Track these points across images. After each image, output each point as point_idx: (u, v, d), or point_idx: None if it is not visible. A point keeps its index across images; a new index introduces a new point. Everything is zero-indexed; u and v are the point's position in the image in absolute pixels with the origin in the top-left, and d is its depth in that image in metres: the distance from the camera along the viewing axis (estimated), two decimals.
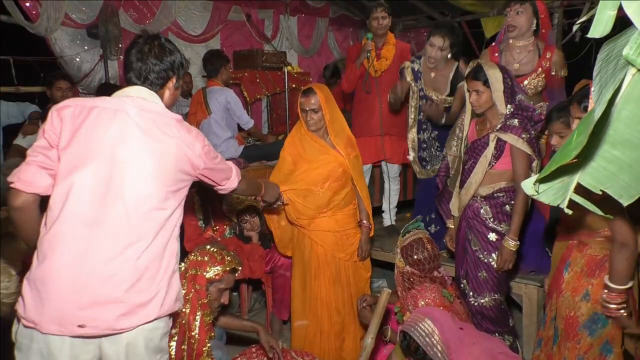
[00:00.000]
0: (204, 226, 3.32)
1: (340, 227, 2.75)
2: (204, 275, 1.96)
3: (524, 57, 2.87)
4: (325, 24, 7.20)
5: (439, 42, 3.10)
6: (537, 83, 2.87)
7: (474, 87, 2.39)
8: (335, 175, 2.69)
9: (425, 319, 1.97)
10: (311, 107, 2.64)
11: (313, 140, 2.71)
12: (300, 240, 2.80)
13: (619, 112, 0.77)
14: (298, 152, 2.74)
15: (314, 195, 2.67)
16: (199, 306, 1.95)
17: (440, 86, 3.25)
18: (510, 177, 2.42)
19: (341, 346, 2.82)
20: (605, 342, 2.05)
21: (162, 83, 1.68)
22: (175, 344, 1.86)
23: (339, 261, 2.78)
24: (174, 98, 1.74)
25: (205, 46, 5.88)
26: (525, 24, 2.81)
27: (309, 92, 2.67)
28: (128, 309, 1.48)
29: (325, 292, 2.76)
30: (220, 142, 4.09)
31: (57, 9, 4.72)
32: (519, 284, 2.88)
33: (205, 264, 1.99)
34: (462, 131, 2.62)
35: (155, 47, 1.66)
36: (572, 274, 2.09)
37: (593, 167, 0.82)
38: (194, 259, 2.01)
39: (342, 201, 2.74)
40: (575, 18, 5.40)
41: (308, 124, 2.68)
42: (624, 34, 0.79)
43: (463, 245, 2.57)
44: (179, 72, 1.73)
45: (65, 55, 4.95)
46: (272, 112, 6.15)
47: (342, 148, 2.72)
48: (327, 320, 2.78)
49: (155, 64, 1.65)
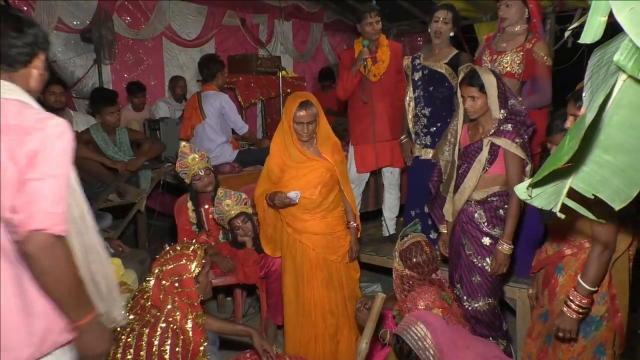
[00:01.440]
0: (197, 231, 3.31)
1: (330, 230, 2.76)
2: (191, 277, 1.92)
3: (512, 39, 3.02)
4: (320, 29, 7.23)
5: (443, 14, 3.18)
6: (515, 60, 2.95)
7: (470, 94, 2.39)
8: (323, 180, 2.71)
9: (418, 322, 1.97)
10: (309, 120, 2.61)
11: (300, 151, 2.69)
12: (291, 245, 2.80)
13: (610, 117, 0.78)
14: (284, 162, 2.73)
15: (304, 199, 2.67)
16: (189, 308, 1.92)
17: (441, 59, 3.28)
18: (504, 181, 2.43)
19: (336, 349, 2.82)
20: (599, 344, 2.06)
21: (27, 60, 1.40)
22: (169, 347, 1.85)
23: (331, 264, 2.78)
24: (42, 80, 1.47)
25: (199, 51, 5.88)
26: (515, 15, 2.97)
27: (308, 105, 2.61)
28: None
29: (319, 295, 2.76)
30: (215, 147, 4.08)
31: (51, 14, 4.72)
32: (512, 288, 2.89)
33: (184, 266, 1.93)
34: (454, 136, 2.63)
35: (11, 18, 1.38)
36: (566, 277, 2.10)
37: (585, 172, 0.82)
38: (167, 269, 1.93)
39: (331, 204, 2.75)
40: (567, 24, 5.44)
41: (301, 135, 2.65)
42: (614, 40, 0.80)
43: (457, 249, 2.58)
44: (45, 47, 1.45)
45: (58, 60, 4.94)
46: (266, 116, 6.16)
47: (329, 155, 2.73)
48: (321, 324, 2.78)
49: (16, 37, 1.37)
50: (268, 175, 2.80)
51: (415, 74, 3.34)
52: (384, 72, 3.49)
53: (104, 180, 4.01)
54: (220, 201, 3.15)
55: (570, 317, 1.95)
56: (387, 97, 3.51)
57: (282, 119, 2.74)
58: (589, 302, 1.93)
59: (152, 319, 1.90)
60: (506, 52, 2.98)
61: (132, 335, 1.86)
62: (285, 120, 2.68)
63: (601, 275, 1.91)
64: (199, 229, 3.31)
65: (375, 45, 3.49)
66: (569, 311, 1.94)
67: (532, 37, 2.98)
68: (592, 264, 1.89)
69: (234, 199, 3.16)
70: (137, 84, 5.18)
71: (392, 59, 3.51)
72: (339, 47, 7.60)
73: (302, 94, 2.80)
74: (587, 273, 1.90)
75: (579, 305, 1.92)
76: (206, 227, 3.32)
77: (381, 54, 3.50)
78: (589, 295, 1.92)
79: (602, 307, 2.03)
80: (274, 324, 3.19)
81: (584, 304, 1.92)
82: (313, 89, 6.86)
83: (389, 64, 3.50)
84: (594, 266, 1.89)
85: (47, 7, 4.67)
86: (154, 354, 1.81)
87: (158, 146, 4.28)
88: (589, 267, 1.90)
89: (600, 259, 1.88)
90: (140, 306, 1.98)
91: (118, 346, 1.85)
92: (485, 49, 3.12)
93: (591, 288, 1.90)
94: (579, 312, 1.93)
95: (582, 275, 1.92)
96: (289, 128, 2.66)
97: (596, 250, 1.88)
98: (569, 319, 1.95)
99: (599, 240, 1.87)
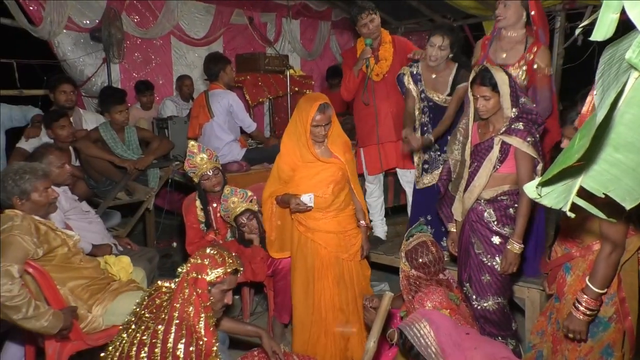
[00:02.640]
0: (205, 229, 3.33)
1: (342, 228, 2.76)
2: (205, 279, 1.95)
3: (511, 48, 2.91)
4: (328, 27, 7.22)
5: (439, 41, 3.08)
6: (519, 75, 2.87)
7: (482, 93, 2.36)
8: (335, 179, 2.71)
9: (423, 320, 1.96)
10: (327, 122, 2.62)
11: (312, 152, 2.68)
12: (302, 244, 2.79)
13: (621, 115, 0.77)
14: (295, 162, 2.72)
15: (316, 198, 2.67)
16: (202, 308, 1.94)
17: (441, 87, 3.22)
18: (514, 180, 2.41)
19: (346, 346, 2.83)
20: (607, 345, 2.05)
21: None
22: (183, 346, 1.85)
23: (342, 262, 2.79)
24: None
25: (207, 49, 5.90)
26: (512, 16, 2.84)
27: (326, 107, 2.60)
28: None
29: (330, 293, 2.76)
30: (223, 145, 4.09)
31: (61, 13, 4.75)
32: (521, 287, 2.88)
33: (206, 267, 1.97)
34: (462, 135, 2.60)
35: None
36: (574, 277, 2.09)
37: (596, 171, 0.81)
38: (194, 262, 2.00)
39: (342, 203, 2.76)
40: (577, 21, 5.39)
41: (318, 137, 2.65)
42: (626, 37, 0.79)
43: (466, 248, 2.57)
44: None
45: (68, 59, 4.98)
46: (274, 115, 6.16)
47: (341, 154, 2.73)
48: (331, 321, 2.78)
49: None
50: (278, 175, 2.79)
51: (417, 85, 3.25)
52: (387, 70, 3.41)
53: (112, 178, 4.04)
54: (226, 198, 3.16)
55: (578, 318, 1.93)
56: (392, 96, 3.43)
57: (296, 120, 2.70)
58: (597, 304, 1.92)
59: (167, 317, 1.90)
60: (507, 65, 2.83)
61: (147, 333, 1.87)
62: (301, 122, 2.64)
63: (610, 277, 1.90)
64: (207, 228, 3.32)
65: (378, 43, 3.39)
66: (578, 313, 1.93)
67: (532, 44, 2.86)
68: (601, 265, 1.87)
69: (240, 196, 3.16)
70: (146, 82, 5.21)
71: (396, 56, 3.41)
72: (347, 46, 7.58)
73: (317, 95, 2.76)
74: (596, 275, 1.88)
75: (586, 307, 1.91)
76: (214, 226, 3.33)
77: (383, 51, 3.40)
78: (597, 297, 1.90)
79: (610, 308, 2.02)
80: (281, 323, 3.19)
81: (592, 306, 1.91)
82: (320, 87, 6.86)
83: (392, 61, 3.41)
84: (602, 268, 1.87)
85: (57, 6, 4.71)
86: (169, 352, 1.82)
87: (166, 144, 4.29)
88: (597, 269, 1.89)
89: (608, 260, 1.86)
90: (155, 305, 1.99)
91: (132, 344, 1.86)
92: (483, 60, 2.98)
93: (599, 290, 1.89)
94: (587, 313, 1.91)
95: (590, 277, 1.90)
96: (305, 131, 2.63)
97: (605, 250, 1.87)
98: (577, 321, 1.94)
99: (608, 240, 1.86)
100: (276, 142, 4.85)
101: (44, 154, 2.87)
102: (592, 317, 1.95)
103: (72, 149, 3.93)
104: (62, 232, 2.50)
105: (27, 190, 2.36)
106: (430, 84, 3.25)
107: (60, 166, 2.93)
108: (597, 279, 1.88)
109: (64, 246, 2.43)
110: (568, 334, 1.98)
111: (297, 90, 5.53)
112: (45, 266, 2.33)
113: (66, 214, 3.00)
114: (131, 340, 1.87)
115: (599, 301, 1.93)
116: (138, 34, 5.48)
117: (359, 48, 3.46)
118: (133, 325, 1.95)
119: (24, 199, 2.37)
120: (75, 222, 3.02)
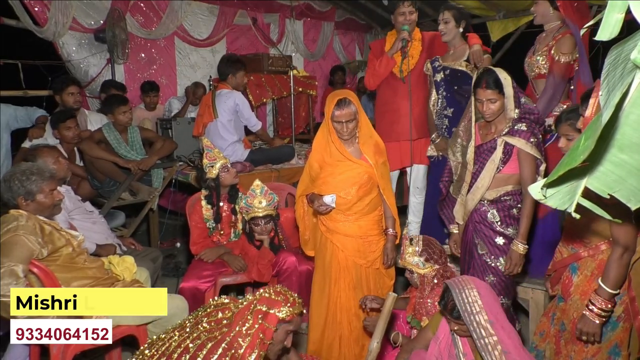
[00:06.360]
0: (211, 228, 3.32)
1: (362, 233, 2.68)
2: (277, 315, 1.85)
3: (546, 37, 3.07)
4: (331, 28, 7.22)
5: (441, 16, 3.24)
6: (540, 61, 2.99)
7: (488, 97, 2.34)
8: (360, 181, 2.63)
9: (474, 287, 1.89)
10: (347, 119, 2.53)
11: (340, 149, 2.61)
12: (322, 244, 2.76)
13: (626, 116, 0.77)
14: (324, 159, 2.67)
15: (339, 199, 2.61)
16: (259, 344, 1.83)
17: (459, 57, 3.26)
18: (517, 180, 2.41)
19: (360, 352, 2.75)
20: (615, 345, 2.04)
21: None
22: None
23: (360, 267, 2.71)
24: None
25: (211, 50, 5.92)
26: (542, 12, 3.04)
27: (345, 103, 2.53)
28: None
29: (345, 297, 2.70)
30: (227, 146, 4.09)
31: (65, 14, 4.78)
32: (525, 288, 2.87)
33: (279, 303, 1.88)
34: (463, 138, 2.58)
35: None
36: (581, 277, 2.08)
37: (601, 171, 0.81)
38: (265, 296, 1.91)
39: (366, 207, 2.66)
40: None
41: (342, 134, 2.58)
42: (632, 37, 0.79)
43: (469, 249, 2.56)
44: None
45: (72, 59, 5.00)
46: (277, 115, 6.17)
47: (371, 155, 2.63)
48: (346, 326, 2.73)
49: None
50: (309, 171, 2.75)
51: (437, 75, 3.28)
52: (412, 68, 3.37)
53: (116, 179, 4.05)
54: (254, 194, 3.09)
55: (592, 321, 1.92)
56: (413, 94, 3.35)
57: (325, 116, 2.68)
58: (611, 305, 1.91)
59: (219, 337, 1.85)
60: (538, 52, 3.02)
61: (195, 343, 1.83)
62: (326, 118, 2.63)
63: (622, 277, 1.89)
64: (212, 228, 3.30)
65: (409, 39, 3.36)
66: (591, 315, 1.92)
67: (559, 33, 2.95)
68: (613, 267, 1.87)
69: (268, 200, 3.09)
70: (152, 83, 5.22)
71: (424, 53, 3.41)
72: (350, 46, 7.60)
73: (341, 92, 2.68)
74: (608, 276, 1.88)
75: (600, 308, 1.90)
76: (219, 227, 3.32)
77: (412, 49, 3.38)
78: (611, 298, 1.89)
79: (619, 307, 2.01)
80: None
81: (606, 307, 1.89)
82: (324, 88, 6.87)
83: (418, 60, 3.40)
84: (614, 269, 1.86)
85: (62, 7, 4.73)
86: None
87: (170, 145, 4.30)
88: (609, 270, 1.88)
89: (620, 262, 1.86)
90: (216, 319, 1.95)
91: (179, 346, 1.83)
92: (530, 51, 3.16)
93: (613, 291, 1.88)
94: (601, 315, 1.90)
95: (603, 279, 1.89)
96: (329, 126, 2.61)
97: (616, 253, 1.86)
98: (591, 323, 1.93)
99: (618, 243, 1.85)
100: (281, 143, 4.87)
101: (35, 157, 2.90)
102: (607, 318, 1.93)
103: (76, 150, 3.95)
104: (67, 232, 2.51)
105: (33, 191, 2.37)
106: (448, 59, 3.30)
107: (56, 161, 2.95)
108: (610, 280, 1.87)
109: (69, 246, 2.44)
110: (581, 336, 1.97)
111: (300, 91, 5.54)
112: (50, 266, 2.34)
113: (70, 214, 3.01)
114: (179, 342, 1.85)
115: (613, 302, 1.92)
116: (142, 35, 5.50)
117: (389, 41, 3.45)
118: (188, 327, 1.92)
119: (29, 199, 2.37)
120: (79, 222, 3.03)
